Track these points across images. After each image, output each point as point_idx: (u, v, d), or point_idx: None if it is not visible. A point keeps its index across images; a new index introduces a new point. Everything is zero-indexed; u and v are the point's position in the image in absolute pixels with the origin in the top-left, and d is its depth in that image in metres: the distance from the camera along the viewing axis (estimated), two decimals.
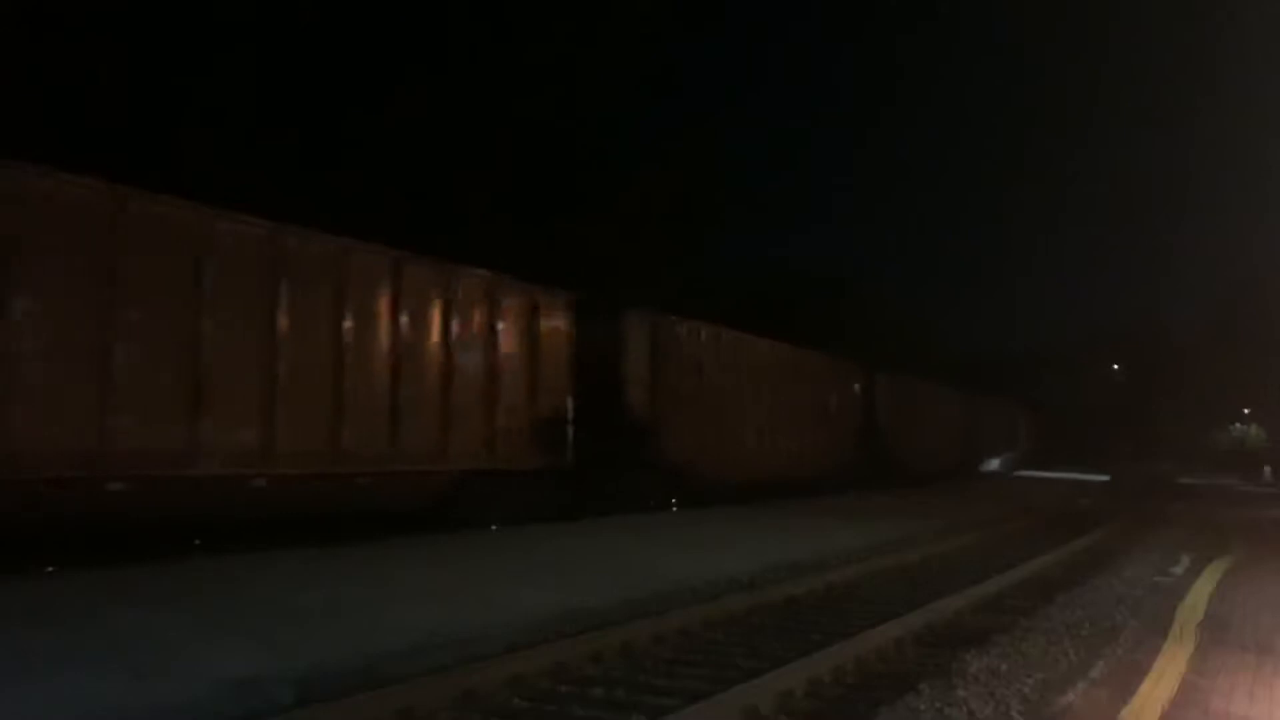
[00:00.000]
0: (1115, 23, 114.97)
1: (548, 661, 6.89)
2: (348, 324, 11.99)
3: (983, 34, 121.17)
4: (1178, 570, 13.16)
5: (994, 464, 48.21)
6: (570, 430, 15.63)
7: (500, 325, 14.42)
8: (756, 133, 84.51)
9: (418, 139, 21.55)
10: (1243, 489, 42.51)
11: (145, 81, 17.23)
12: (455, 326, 13.60)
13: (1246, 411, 65.56)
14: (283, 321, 11.13)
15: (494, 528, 13.68)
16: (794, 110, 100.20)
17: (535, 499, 14.84)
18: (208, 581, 8.70)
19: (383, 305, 12.49)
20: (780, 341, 24.25)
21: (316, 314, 11.61)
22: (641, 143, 31.41)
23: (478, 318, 14.04)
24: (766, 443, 22.30)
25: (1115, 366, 72.18)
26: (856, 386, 28.99)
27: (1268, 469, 51.25)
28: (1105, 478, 48.66)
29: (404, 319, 12.75)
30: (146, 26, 17.19)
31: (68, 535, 9.30)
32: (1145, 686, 6.54)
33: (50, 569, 9.07)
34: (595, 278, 20.19)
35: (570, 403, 15.71)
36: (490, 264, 14.65)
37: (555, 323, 15.56)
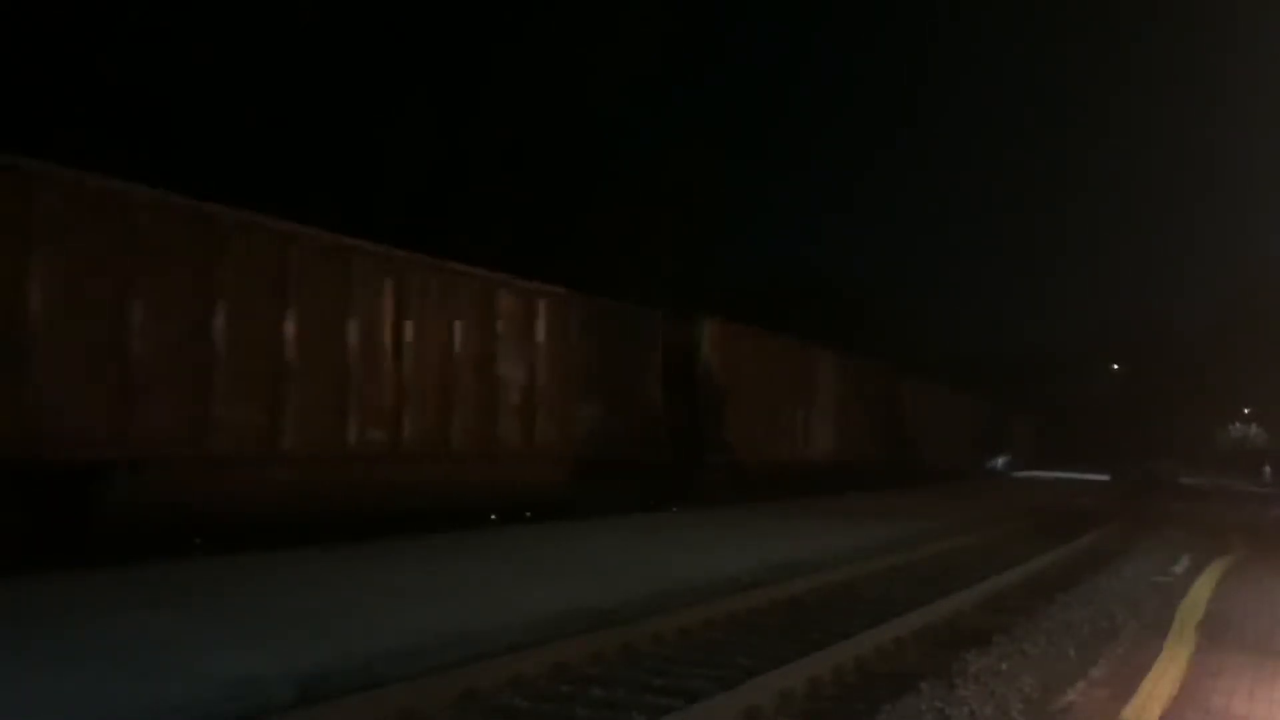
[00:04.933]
0: (1124, 24, 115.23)
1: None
2: (491, 341, 13.89)
3: (991, 37, 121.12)
4: (1178, 570, 13.17)
5: (996, 463, 48.32)
6: (661, 429, 17.25)
7: (601, 338, 16.21)
8: (762, 134, 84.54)
9: (419, 139, 21.54)
10: (1243, 489, 42.53)
11: (145, 84, 17.22)
12: (570, 338, 15.45)
13: (1247, 411, 65.60)
14: (458, 340, 13.23)
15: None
16: (801, 113, 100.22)
17: (635, 489, 16.66)
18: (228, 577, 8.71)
19: (519, 326, 14.43)
20: (822, 348, 25.86)
21: (455, 333, 13.38)
22: (649, 143, 31.38)
23: (588, 331, 15.88)
24: (804, 442, 23.69)
25: (1115, 366, 72.09)
26: (882, 389, 30.12)
27: (1267, 469, 51.32)
28: (1106, 477, 48.68)
29: (540, 338, 14.82)
30: (143, 34, 17.19)
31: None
32: (1146, 686, 6.55)
33: (48, 569, 9.04)
34: (600, 279, 20.27)
35: (660, 404, 17.42)
36: (489, 264, 14.71)
37: (647, 333, 17.56)
